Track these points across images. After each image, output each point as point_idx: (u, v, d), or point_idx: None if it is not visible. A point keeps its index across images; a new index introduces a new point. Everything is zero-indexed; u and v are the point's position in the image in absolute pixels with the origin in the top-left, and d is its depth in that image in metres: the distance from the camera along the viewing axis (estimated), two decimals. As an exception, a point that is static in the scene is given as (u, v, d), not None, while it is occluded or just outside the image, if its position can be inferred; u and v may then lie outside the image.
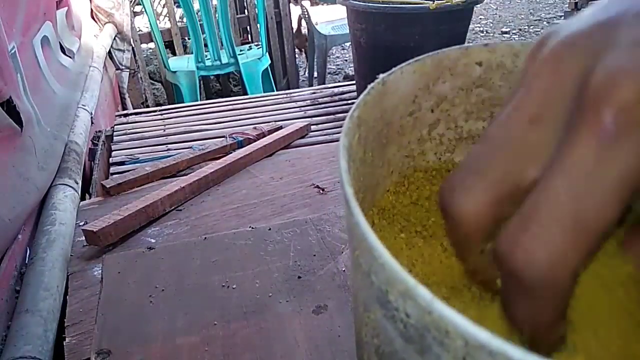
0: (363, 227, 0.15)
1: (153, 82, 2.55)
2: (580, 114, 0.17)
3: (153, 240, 0.61)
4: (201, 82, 2.40)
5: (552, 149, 0.18)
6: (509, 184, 0.18)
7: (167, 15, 2.42)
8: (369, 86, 0.23)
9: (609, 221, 0.16)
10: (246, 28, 2.69)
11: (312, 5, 3.32)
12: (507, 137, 0.19)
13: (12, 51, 0.79)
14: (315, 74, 2.73)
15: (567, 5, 3.38)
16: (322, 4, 3.42)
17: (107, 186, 0.74)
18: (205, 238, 0.57)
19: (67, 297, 0.53)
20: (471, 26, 1.36)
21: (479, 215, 0.19)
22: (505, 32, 3.90)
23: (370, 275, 0.16)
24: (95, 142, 1.14)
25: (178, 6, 2.35)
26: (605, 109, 0.16)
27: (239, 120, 1.32)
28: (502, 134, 0.19)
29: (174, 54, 2.49)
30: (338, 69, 3.40)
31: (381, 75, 0.24)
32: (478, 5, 1.30)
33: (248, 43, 2.59)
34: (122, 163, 1.12)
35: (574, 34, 0.18)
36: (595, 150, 0.16)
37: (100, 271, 0.55)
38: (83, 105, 1.14)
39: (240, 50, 2.34)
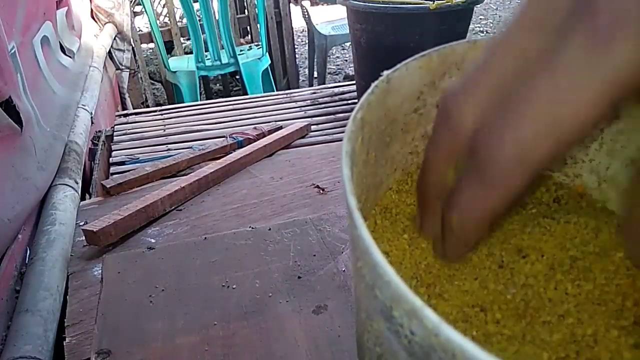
0: (367, 241, 0.15)
1: (153, 82, 2.55)
2: (575, 17, 0.17)
3: (153, 240, 0.61)
4: (201, 82, 2.40)
5: (544, 51, 0.18)
6: (503, 86, 0.19)
7: (167, 15, 2.42)
8: (373, 85, 0.23)
9: (582, 127, 0.17)
10: (246, 28, 2.69)
11: (312, 5, 3.32)
12: (503, 43, 0.19)
13: (12, 51, 0.78)
14: (315, 74, 2.73)
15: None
16: (323, 4, 3.42)
17: (107, 186, 0.74)
18: (205, 238, 0.57)
19: (67, 297, 0.53)
20: (471, 26, 1.36)
21: (475, 113, 0.19)
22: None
23: (375, 289, 0.16)
24: (95, 142, 1.14)
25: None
26: (601, 12, 0.16)
27: (239, 120, 1.32)
28: (498, 42, 0.19)
29: (169, 51, 2.48)
30: (338, 69, 3.39)
31: (385, 73, 0.24)
32: (478, 5, 1.30)
33: (248, 43, 2.59)
34: (122, 163, 1.12)
35: None
36: (585, 52, 0.16)
37: (100, 271, 0.55)
38: (83, 105, 1.14)
39: (240, 50, 2.34)
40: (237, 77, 2.68)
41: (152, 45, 2.52)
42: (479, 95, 0.19)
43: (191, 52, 2.25)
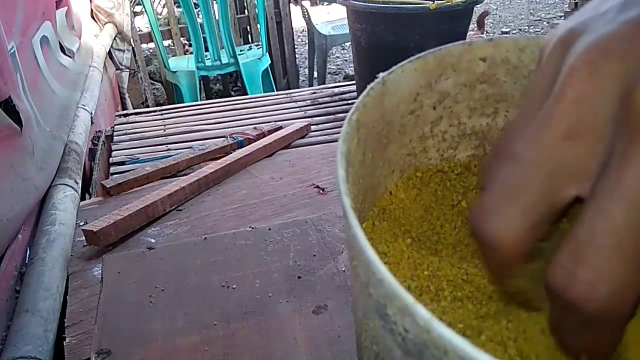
0: (361, 240, 0.15)
1: (153, 82, 2.55)
2: (628, 131, 0.15)
3: (153, 240, 0.61)
4: (201, 82, 2.40)
5: (593, 166, 0.17)
6: (547, 206, 0.18)
7: (167, 15, 2.42)
8: (369, 87, 0.23)
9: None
10: (246, 28, 2.69)
11: (312, 5, 3.32)
12: (541, 153, 0.17)
13: (12, 51, 0.78)
14: (315, 74, 2.73)
15: (567, 5, 3.38)
16: (322, 4, 3.42)
17: (107, 186, 0.74)
18: (205, 238, 0.57)
19: (67, 297, 0.53)
20: (471, 26, 1.36)
21: (517, 240, 0.18)
22: (505, 32, 3.90)
23: (369, 287, 0.16)
24: (95, 142, 1.14)
25: (178, 6, 2.35)
26: None
27: (239, 120, 1.32)
28: (535, 151, 0.18)
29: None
30: (338, 69, 3.39)
31: (381, 74, 0.24)
32: (478, 5, 1.30)
33: (248, 43, 2.59)
34: (122, 163, 1.12)
35: (608, 37, 0.16)
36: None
37: (100, 271, 0.55)
38: (83, 105, 1.14)
39: (240, 50, 2.34)
40: (234, 76, 2.68)
41: (152, 45, 2.52)
42: (515, 211, 0.18)
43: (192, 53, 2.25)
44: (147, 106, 2.16)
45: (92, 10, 1.84)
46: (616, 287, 0.16)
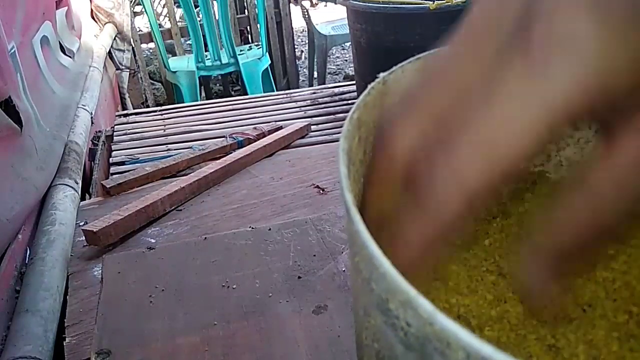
0: (363, 235, 0.15)
1: (153, 82, 2.55)
2: (513, 42, 0.16)
3: (153, 240, 0.61)
4: (201, 82, 2.40)
5: (482, 80, 0.17)
6: (442, 114, 0.18)
7: (167, 15, 2.42)
8: (369, 86, 0.23)
9: (518, 155, 0.16)
10: (246, 28, 2.69)
11: (311, 5, 3.32)
12: (444, 69, 0.19)
13: (12, 51, 0.78)
14: (315, 74, 2.73)
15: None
16: (318, 3, 3.42)
17: (107, 186, 0.74)
18: (205, 238, 0.57)
19: (67, 297, 0.53)
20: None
21: (412, 140, 0.19)
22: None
23: (371, 283, 0.16)
24: (95, 142, 1.14)
25: (178, 6, 2.35)
26: (536, 37, 0.16)
27: (239, 120, 1.32)
28: (439, 67, 0.19)
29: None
30: (338, 69, 3.39)
31: (381, 75, 0.24)
32: (478, 5, 1.30)
33: (248, 43, 2.59)
34: (122, 163, 1.12)
35: None
36: (521, 81, 0.16)
37: (100, 271, 0.55)
38: (83, 105, 1.14)
39: (240, 50, 2.34)
40: (233, 76, 2.69)
41: (152, 45, 2.52)
42: (417, 122, 0.19)
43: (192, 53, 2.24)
44: (147, 106, 2.16)
45: (92, 10, 1.84)
46: (454, 172, 0.17)
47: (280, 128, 1.04)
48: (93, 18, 1.85)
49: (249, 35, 2.70)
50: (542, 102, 0.16)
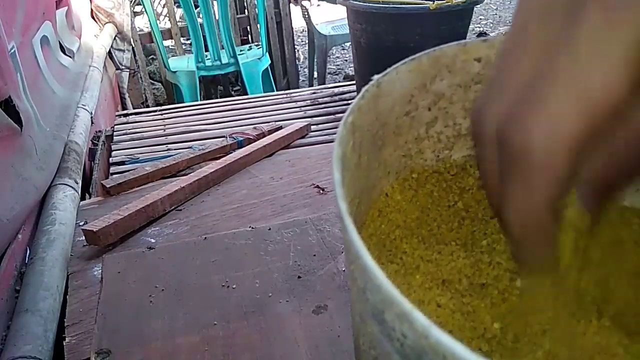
0: (357, 245, 0.15)
1: (153, 82, 2.55)
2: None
3: (153, 240, 0.61)
4: (201, 82, 2.40)
5: (558, 37, 0.17)
6: (526, 80, 0.17)
7: (167, 15, 2.42)
8: (363, 89, 0.23)
9: (616, 97, 0.15)
10: (246, 28, 2.69)
11: (311, 5, 3.32)
12: (516, 39, 0.18)
13: (12, 51, 0.78)
14: (315, 74, 2.73)
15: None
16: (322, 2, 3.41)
17: (107, 186, 0.74)
18: (205, 238, 0.57)
19: (67, 297, 0.53)
20: (471, 26, 1.36)
21: (500, 113, 0.18)
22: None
23: (366, 292, 0.16)
24: (95, 142, 1.14)
25: (178, 6, 2.35)
26: None
27: (239, 120, 1.32)
28: (511, 39, 0.18)
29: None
30: (338, 69, 3.39)
31: (375, 77, 0.24)
32: (478, 5, 1.30)
33: (248, 43, 2.59)
34: (122, 163, 1.12)
35: None
36: (601, 18, 0.15)
37: (100, 271, 0.55)
38: (83, 105, 1.14)
39: (240, 50, 2.34)
40: (232, 76, 2.68)
41: (152, 44, 2.52)
42: (503, 96, 0.18)
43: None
44: (147, 106, 2.16)
45: (92, 10, 1.84)
46: (554, 132, 0.16)
47: (280, 128, 1.04)
48: (93, 18, 1.85)
49: (249, 35, 2.70)
50: (626, 39, 0.15)
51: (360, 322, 0.18)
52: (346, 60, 3.49)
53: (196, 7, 2.12)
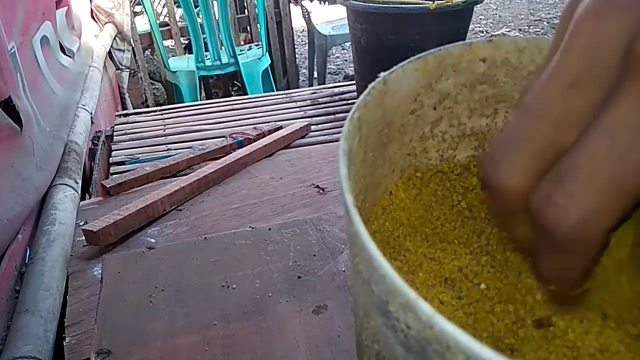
0: (363, 236, 0.15)
1: (153, 82, 2.55)
2: (625, 76, 0.16)
3: (153, 240, 0.61)
4: (201, 82, 2.40)
5: (593, 113, 0.17)
6: (552, 153, 0.18)
7: (167, 15, 2.42)
8: (370, 86, 0.23)
9: None
10: (246, 28, 2.69)
11: (311, 3, 3.31)
12: (547, 103, 0.18)
13: (12, 51, 0.78)
14: (315, 74, 2.73)
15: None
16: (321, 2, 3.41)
17: (107, 186, 0.74)
18: (205, 238, 0.57)
19: (67, 297, 0.53)
20: (471, 26, 1.36)
21: (523, 187, 0.18)
22: (506, 32, 3.90)
23: (371, 284, 0.16)
24: (95, 142, 1.14)
25: (178, 6, 2.35)
26: None
27: (239, 120, 1.32)
28: (541, 101, 0.18)
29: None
30: (338, 69, 3.39)
31: (382, 74, 0.24)
32: (478, 5, 1.30)
33: (249, 43, 2.59)
34: (122, 163, 1.12)
35: None
36: (638, 109, 0.15)
37: (100, 271, 0.55)
38: (83, 105, 1.14)
39: (240, 50, 2.34)
40: (231, 76, 2.68)
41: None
42: (522, 159, 0.18)
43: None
44: (147, 106, 2.16)
45: (92, 10, 1.84)
46: (587, 214, 0.16)
47: (280, 128, 1.04)
48: (93, 18, 1.85)
49: (249, 35, 2.70)
50: None
51: (364, 317, 0.18)
52: (346, 60, 3.49)
53: (196, 7, 2.12)
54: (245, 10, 2.56)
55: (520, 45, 0.26)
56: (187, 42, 2.58)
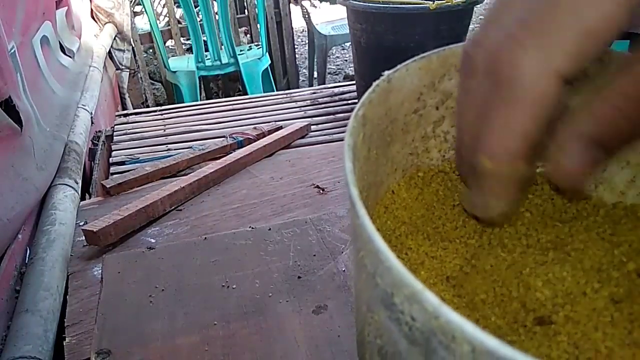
0: (369, 229, 0.15)
1: (153, 82, 2.55)
2: None
3: (153, 240, 0.61)
4: (201, 82, 2.40)
5: None
6: (522, 15, 0.17)
7: (167, 15, 2.42)
8: (374, 83, 0.23)
9: (613, 28, 0.16)
10: (246, 28, 2.69)
11: (311, 5, 3.32)
12: None
13: (12, 51, 0.78)
14: (315, 74, 2.73)
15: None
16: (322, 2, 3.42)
17: (107, 186, 0.74)
18: (205, 238, 0.57)
19: (67, 297, 0.53)
20: (471, 26, 1.36)
21: (496, 41, 0.18)
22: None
23: (376, 277, 0.16)
24: (95, 142, 1.14)
25: (178, 6, 2.35)
26: None
27: (239, 120, 1.32)
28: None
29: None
30: (338, 69, 3.39)
31: (386, 73, 0.24)
32: (478, 5, 1.30)
33: (248, 43, 2.59)
34: (122, 163, 1.12)
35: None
36: None
37: (100, 271, 0.55)
38: (83, 105, 1.14)
39: (240, 50, 2.34)
40: (230, 76, 2.69)
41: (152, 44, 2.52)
42: (498, 30, 0.18)
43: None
44: (147, 106, 2.16)
45: (92, 10, 1.84)
46: (545, 56, 0.16)
47: (280, 128, 1.04)
48: (93, 18, 1.85)
49: (249, 35, 2.70)
50: None
51: (367, 312, 0.18)
52: (346, 60, 3.49)
53: (196, 7, 2.12)
54: (245, 10, 2.56)
55: None
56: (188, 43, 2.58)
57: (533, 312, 0.23)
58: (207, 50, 2.22)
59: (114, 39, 1.90)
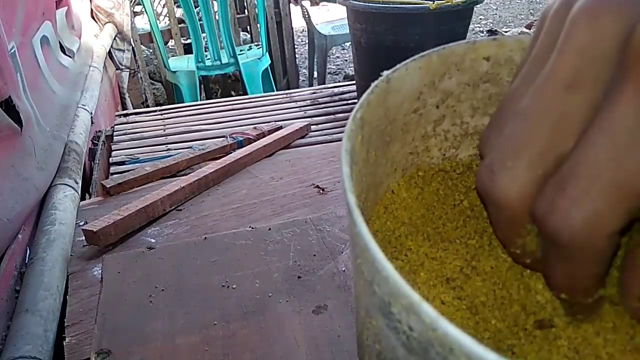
0: (366, 237, 0.15)
1: (153, 82, 2.55)
2: (622, 74, 0.16)
3: (153, 240, 0.61)
4: (201, 82, 2.40)
5: (592, 114, 0.17)
6: (552, 158, 0.17)
7: (167, 15, 2.42)
8: (373, 84, 0.23)
9: None
10: (246, 28, 2.69)
11: (312, 5, 3.32)
12: (545, 107, 0.17)
13: (12, 51, 0.78)
14: (315, 74, 2.73)
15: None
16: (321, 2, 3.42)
17: (107, 186, 0.74)
18: (205, 238, 0.57)
19: (67, 297, 0.53)
20: (471, 26, 1.36)
21: (524, 195, 0.18)
22: (506, 32, 3.90)
23: (373, 285, 0.16)
24: (95, 142, 1.14)
25: (178, 6, 2.35)
26: None
27: (239, 120, 1.32)
28: (538, 105, 0.18)
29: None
30: (338, 69, 3.39)
31: (385, 72, 0.24)
32: (478, 5, 1.30)
33: (247, 43, 2.59)
34: (122, 163, 1.12)
35: None
36: (638, 107, 0.15)
37: (100, 271, 0.55)
38: (83, 105, 1.14)
39: (240, 50, 2.34)
40: (230, 76, 2.68)
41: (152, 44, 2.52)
42: (521, 168, 0.17)
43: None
44: (147, 106, 2.16)
45: (92, 10, 1.84)
46: (590, 218, 0.16)
47: (280, 128, 1.04)
48: (93, 18, 1.85)
49: (249, 36, 2.70)
50: None
51: (365, 317, 0.18)
52: (346, 60, 3.49)
53: (196, 7, 2.12)
54: (245, 10, 2.56)
55: (524, 44, 0.26)
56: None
57: (533, 315, 0.23)
58: (207, 50, 2.23)
59: (114, 39, 1.90)
